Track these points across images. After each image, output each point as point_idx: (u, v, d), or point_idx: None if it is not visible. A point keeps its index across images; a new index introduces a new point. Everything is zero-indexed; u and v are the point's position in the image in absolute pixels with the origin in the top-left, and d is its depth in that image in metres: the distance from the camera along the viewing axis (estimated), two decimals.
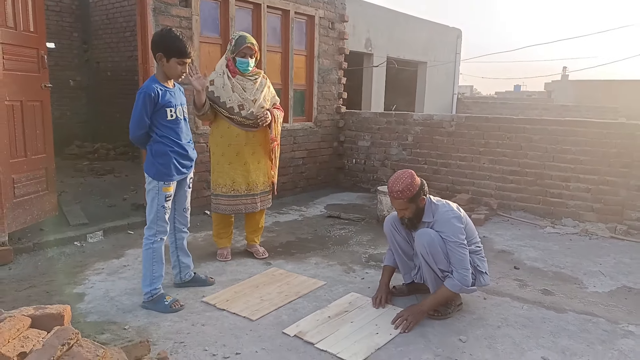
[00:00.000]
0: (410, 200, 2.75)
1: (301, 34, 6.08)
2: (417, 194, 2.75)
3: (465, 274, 2.72)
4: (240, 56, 3.49)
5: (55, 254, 3.74)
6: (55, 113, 4.89)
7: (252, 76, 3.59)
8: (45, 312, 2.02)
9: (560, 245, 4.31)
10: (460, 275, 2.71)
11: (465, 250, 2.73)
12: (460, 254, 2.71)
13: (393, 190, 2.75)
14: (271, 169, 3.78)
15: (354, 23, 10.10)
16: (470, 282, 2.75)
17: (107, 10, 8.79)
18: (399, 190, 2.73)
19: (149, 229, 2.87)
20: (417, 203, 2.78)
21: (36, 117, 3.96)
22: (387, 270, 3.11)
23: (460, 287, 2.72)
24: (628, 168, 4.71)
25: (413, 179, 2.76)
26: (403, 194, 2.72)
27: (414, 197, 2.75)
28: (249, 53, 3.50)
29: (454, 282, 2.72)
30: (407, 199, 2.74)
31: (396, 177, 2.80)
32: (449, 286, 2.73)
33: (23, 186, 3.82)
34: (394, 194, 2.74)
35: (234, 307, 2.89)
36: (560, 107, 14.96)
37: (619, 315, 2.95)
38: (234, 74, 3.53)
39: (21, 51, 3.77)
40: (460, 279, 2.71)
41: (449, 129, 5.82)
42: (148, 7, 4.36)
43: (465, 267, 2.72)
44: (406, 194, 2.72)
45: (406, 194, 2.72)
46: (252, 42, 3.50)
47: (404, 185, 2.73)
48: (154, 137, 2.81)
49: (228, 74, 3.52)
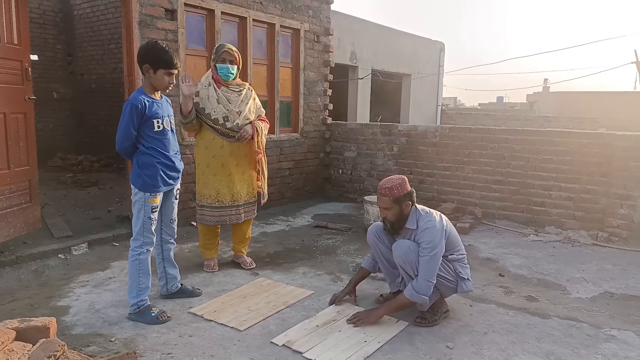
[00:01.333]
0: (396, 200, 2.79)
1: (287, 47, 6.14)
2: (403, 197, 2.80)
3: (425, 285, 2.73)
4: (220, 62, 3.53)
5: (39, 266, 3.68)
6: (39, 125, 4.85)
7: (236, 87, 3.62)
8: (30, 324, 1.99)
9: (543, 253, 4.38)
10: (420, 284, 2.74)
11: (434, 262, 2.74)
12: (428, 264, 2.73)
13: (382, 187, 2.82)
14: (257, 179, 3.80)
15: (339, 36, 10.22)
16: (427, 293, 2.75)
17: (92, 23, 8.76)
18: (387, 187, 2.80)
19: (135, 240, 2.85)
20: (402, 207, 2.82)
21: (19, 129, 3.93)
22: (361, 271, 3.21)
23: (418, 296, 2.73)
24: (607, 177, 4.82)
25: (404, 182, 2.83)
26: (391, 192, 2.78)
27: (400, 199, 2.79)
28: (228, 58, 3.53)
29: (409, 288, 2.77)
30: (392, 198, 2.79)
31: (388, 177, 2.89)
32: (406, 293, 2.77)
33: (6, 199, 3.77)
34: (382, 190, 2.81)
35: (221, 318, 2.88)
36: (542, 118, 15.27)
37: (602, 320, 3.01)
38: (219, 84, 3.56)
39: (5, 63, 3.75)
40: (419, 288, 2.73)
41: (434, 140, 5.90)
42: (134, 20, 4.37)
43: (427, 277, 2.74)
44: (394, 192, 2.78)
45: (394, 192, 2.78)
46: (231, 48, 3.55)
47: (393, 184, 2.80)
48: (141, 149, 2.81)
49: (214, 85, 3.55)
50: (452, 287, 2.91)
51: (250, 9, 5.45)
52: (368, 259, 3.21)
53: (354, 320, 2.84)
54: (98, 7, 8.62)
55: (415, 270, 2.79)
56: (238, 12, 5.33)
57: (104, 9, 8.54)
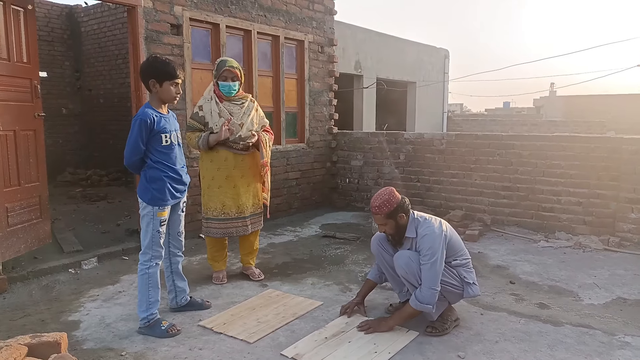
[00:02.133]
0: (388, 215, 2.81)
1: (291, 58, 6.19)
2: (395, 210, 2.80)
3: (429, 293, 2.72)
4: (222, 80, 3.56)
5: (50, 281, 3.71)
6: (48, 141, 4.92)
7: (238, 100, 3.65)
8: (41, 340, 2.01)
9: (554, 259, 4.34)
10: (424, 293, 2.73)
11: (436, 269, 2.73)
12: (430, 271, 2.72)
13: (372, 205, 2.85)
14: (262, 191, 3.81)
15: (344, 46, 10.29)
16: (432, 301, 2.73)
17: (99, 39, 8.90)
18: (376, 206, 2.82)
19: (144, 254, 2.87)
20: (397, 219, 2.83)
21: (29, 145, 3.98)
22: (367, 283, 3.20)
23: (423, 305, 2.72)
24: (617, 181, 4.78)
25: (392, 196, 2.82)
26: (380, 210, 2.80)
27: (392, 213, 2.80)
28: (230, 76, 3.55)
29: (412, 298, 2.76)
30: (384, 215, 2.80)
31: (377, 193, 2.89)
32: (411, 303, 2.77)
33: (17, 215, 3.81)
34: (373, 209, 2.85)
35: (231, 330, 2.88)
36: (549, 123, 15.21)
37: (615, 326, 2.97)
38: (221, 99, 3.59)
39: (14, 82, 3.81)
40: (423, 297, 2.72)
41: (440, 147, 5.89)
42: (140, 36, 4.44)
43: (431, 285, 2.72)
44: (383, 209, 2.79)
45: (383, 209, 2.79)
46: (233, 65, 3.56)
47: (381, 201, 2.81)
48: (149, 163, 2.83)
49: (216, 100, 3.59)
50: (458, 292, 2.89)
51: (254, 22, 5.51)
52: (373, 270, 3.19)
53: (364, 327, 2.85)
54: (105, 24, 8.76)
55: (419, 280, 2.78)
56: (243, 25, 5.39)
57: (111, 25, 8.67)
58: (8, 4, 3.73)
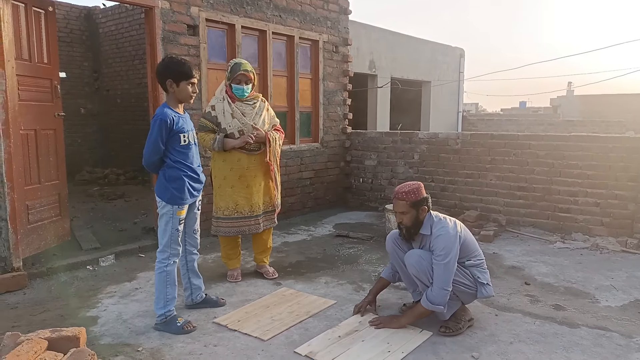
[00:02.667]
0: (413, 205, 2.81)
1: (306, 58, 6.21)
2: (420, 201, 2.82)
3: (441, 293, 2.72)
4: (236, 83, 3.59)
5: (69, 278, 3.79)
6: (67, 140, 4.99)
7: (250, 101, 3.68)
8: (61, 334, 2.06)
9: (570, 260, 4.29)
10: (435, 293, 2.73)
11: (449, 269, 2.73)
12: (440, 272, 2.73)
13: (399, 191, 2.85)
14: (273, 189, 3.82)
15: (358, 45, 10.27)
16: (443, 301, 2.74)
17: (117, 40, 9.03)
18: (404, 192, 2.82)
19: (162, 252, 2.90)
20: (418, 211, 2.83)
21: (49, 145, 4.07)
22: (380, 281, 3.21)
23: (432, 305, 2.73)
24: (635, 182, 4.70)
25: (420, 188, 2.86)
26: (407, 196, 2.80)
27: (417, 203, 2.81)
28: (244, 80, 3.58)
29: (423, 298, 2.77)
30: (410, 202, 2.81)
31: (404, 184, 2.92)
32: (423, 303, 2.77)
33: (37, 212, 3.89)
34: (399, 194, 2.84)
35: (245, 328, 2.91)
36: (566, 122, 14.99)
37: (633, 329, 2.93)
38: (233, 99, 3.62)
39: (35, 82, 3.90)
40: (434, 297, 2.73)
41: (455, 147, 5.86)
42: (157, 36, 4.50)
43: (443, 286, 2.72)
44: (410, 196, 2.80)
45: (410, 196, 2.80)
46: (247, 69, 3.59)
47: (411, 189, 2.83)
48: (168, 162, 2.87)
49: (228, 100, 3.62)
50: (472, 292, 2.88)
51: (269, 22, 5.54)
52: (387, 268, 3.20)
53: (375, 322, 2.89)
54: (122, 25, 8.88)
55: (430, 279, 2.78)
56: (258, 25, 5.42)
57: (128, 26, 8.79)
58: (30, 6, 3.82)
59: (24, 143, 3.75)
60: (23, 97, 3.73)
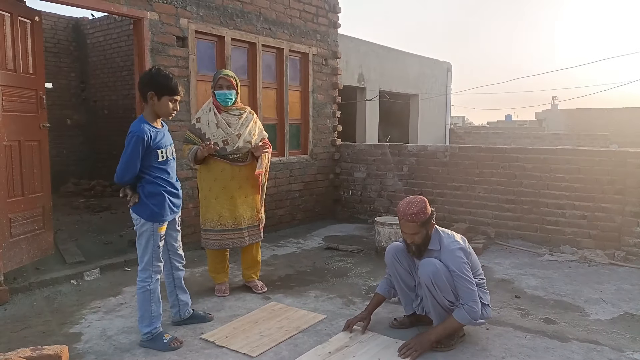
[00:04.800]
0: (423, 224, 2.73)
1: (295, 71, 6.22)
2: (428, 219, 2.76)
3: (474, 307, 2.70)
4: (218, 88, 3.59)
5: (52, 293, 3.69)
6: (52, 151, 4.92)
7: (236, 111, 3.65)
8: (42, 353, 1.99)
9: (559, 273, 4.30)
10: (470, 308, 2.70)
11: (472, 283, 2.73)
12: (467, 287, 2.71)
13: (407, 213, 2.71)
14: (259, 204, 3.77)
15: (347, 59, 10.34)
16: (479, 315, 2.73)
17: (105, 51, 8.98)
18: (413, 213, 2.70)
19: (145, 271, 2.80)
20: (427, 228, 2.78)
21: (34, 156, 3.99)
22: (376, 297, 3.11)
23: (469, 319, 2.71)
24: (622, 195, 4.75)
25: (426, 204, 2.76)
26: (417, 217, 2.70)
27: (426, 222, 2.75)
28: (225, 84, 3.57)
29: (463, 314, 2.70)
30: (420, 223, 2.72)
31: (409, 200, 2.78)
32: (458, 318, 2.70)
33: (20, 225, 3.80)
34: (408, 216, 2.71)
35: (233, 344, 2.84)
36: (552, 136, 15.19)
37: (623, 342, 2.92)
38: (219, 110, 3.60)
39: (20, 92, 3.83)
40: (470, 312, 2.69)
41: (444, 159, 5.88)
42: (146, 47, 4.47)
43: (474, 299, 2.71)
44: (420, 217, 2.71)
45: (420, 217, 2.71)
46: (228, 74, 3.59)
47: (419, 209, 2.71)
48: (146, 178, 2.75)
49: (214, 111, 3.60)
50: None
51: (259, 35, 5.55)
52: (382, 284, 3.13)
53: (404, 351, 2.68)
54: (111, 36, 8.84)
55: (442, 294, 2.72)
56: (247, 38, 5.43)
57: (117, 37, 8.75)
58: (15, 16, 3.77)
59: (7, 154, 3.67)
60: (7, 108, 3.66)
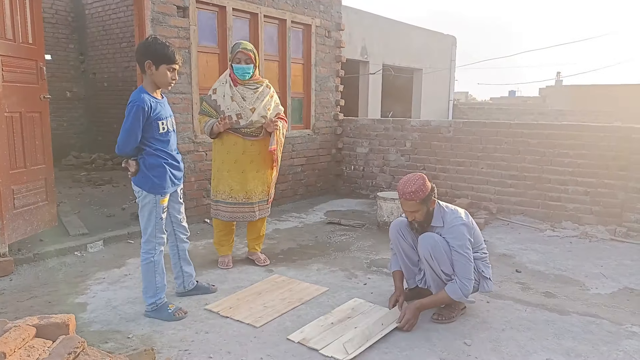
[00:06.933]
0: (422, 202, 2.74)
1: (298, 43, 6.12)
2: (428, 196, 2.75)
3: (467, 284, 2.72)
4: (236, 62, 3.53)
5: (56, 264, 3.72)
6: (52, 124, 4.87)
7: (253, 85, 3.60)
8: (50, 321, 2.00)
9: (560, 248, 4.33)
10: (462, 284, 2.72)
11: (469, 260, 2.73)
12: (464, 263, 2.72)
13: (405, 191, 2.72)
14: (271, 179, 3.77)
15: (350, 31, 10.16)
16: (470, 291, 2.75)
17: (104, 22, 8.82)
18: (411, 192, 2.71)
19: (148, 242, 2.82)
20: (428, 205, 2.78)
21: (35, 128, 3.96)
22: (397, 275, 3.08)
23: (460, 295, 2.73)
24: (625, 171, 4.74)
25: (425, 181, 2.76)
26: (416, 195, 2.71)
27: (426, 199, 2.74)
28: (243, 58, 3.51)
29: (455, 288, 2.73)
30: (419, 200, 2.72)
31: (407, 179, 2.79)
32: (449, 292, 2.74)
33: (23, 197, 3.80)
34: (407, 195, 2.72)
35: (237, 315, 2.88)
36: (556, 112, 15.05)
37: (622, 316, 2.96)
38: (236, 82, 3.55)
39: (20, 63, 3.78)
40: (462, 288, 2.72)
41: (447, 135, 5.84)
42: (146, 18, 4.38)
43: (468, 276, 2.72)
44: (419, 195, 2.71)
45: (419, 195, 2.71)
46: (246, 48, 3.51)
47: (417, 187, 2.72)
48: (147, 150, 2.73)
49: (230, 83, 3.56)
50: (475, 286, 2.87)
51: (261, 5, 5.44)
52: (394, 261, 3.11)
53: (406, 327, 2.70)
54: (109, 6, 8.67)
55: (439, 266, 2.75)
56: (249, 8, 5.32)
57: (115, 8, 8.59)
58: None
59: (9, 126, 3.64)
60: (7, 79, 3.62)
